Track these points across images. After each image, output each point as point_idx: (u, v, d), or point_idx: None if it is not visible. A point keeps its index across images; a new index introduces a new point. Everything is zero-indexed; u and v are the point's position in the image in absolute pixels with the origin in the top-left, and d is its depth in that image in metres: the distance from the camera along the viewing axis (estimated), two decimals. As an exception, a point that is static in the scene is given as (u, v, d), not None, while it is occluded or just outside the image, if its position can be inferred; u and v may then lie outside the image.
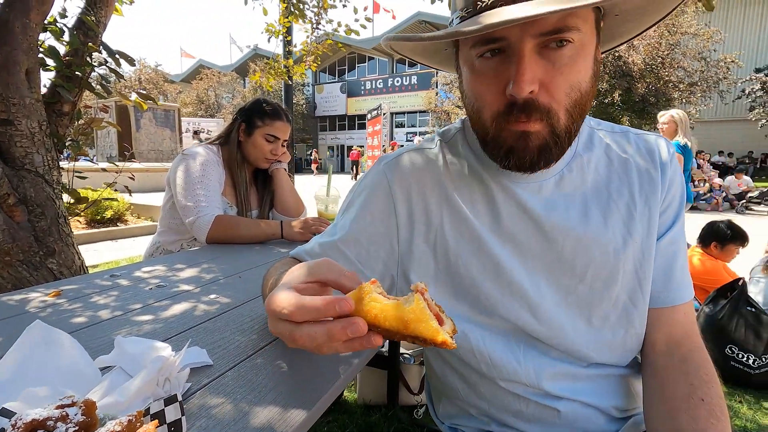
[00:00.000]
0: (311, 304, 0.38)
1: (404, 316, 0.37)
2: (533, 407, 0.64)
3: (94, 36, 1.72)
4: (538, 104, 0.51)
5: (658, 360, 0.62)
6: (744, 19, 19.31)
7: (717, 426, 0.53)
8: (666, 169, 0.63)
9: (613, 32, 0.60)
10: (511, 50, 0.50)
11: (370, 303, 0.38)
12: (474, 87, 0.55)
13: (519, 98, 0.50)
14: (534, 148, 0.53)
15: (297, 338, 0.39)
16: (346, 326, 0.36)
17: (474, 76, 0.55)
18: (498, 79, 0.52)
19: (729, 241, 2.64)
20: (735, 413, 1.89)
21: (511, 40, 0.49)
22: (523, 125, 0.52)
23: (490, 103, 0.53)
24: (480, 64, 0.53)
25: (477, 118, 0.56)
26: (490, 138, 0.56)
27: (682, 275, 0.64)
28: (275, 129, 1.57)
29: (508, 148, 0.54)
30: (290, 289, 0.41)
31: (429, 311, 0.37)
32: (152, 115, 13.52)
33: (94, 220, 5.57)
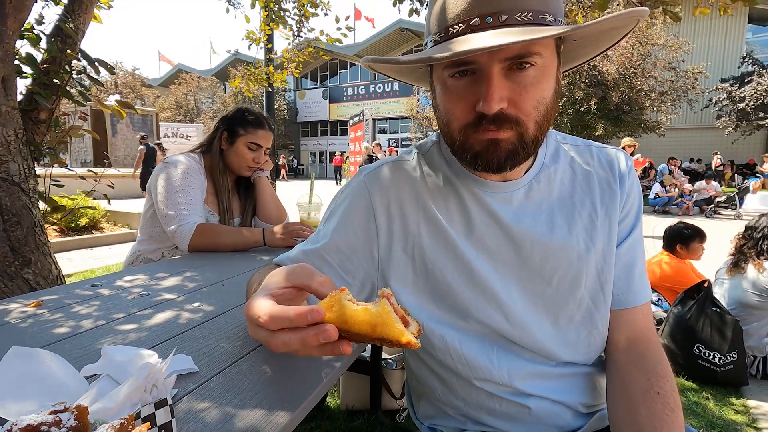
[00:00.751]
0: (284, 315, 0.41)
1: (371, 320, 0.40)
2: (506, 405, 0.68)
3: (73, 43, 1.70)
4: (507, 116, 0.55)
5: (620, 358, 0.67)
6: (710, 32, 20.20)
7: (671, 416, 0.58)
8: (624, 180, 0.69)
9: (573, 54, 0.65)
10: (481, 72, 0.55)
11: (340, 310, 0.41)
12: (445, 102, 0.60)
13: (489, 114, 0.54)
14: (502, 154, 0.57)
15: (272, 344, 0.42)
16: (318, 333, 0.39)
17: (446, 92, 0.59)
18: (468, 97, 0.56)
19: (691, 239, 2.78)
20: (702, 409, 1.98)
21: (480, 63, 0.54)
22: (492, 134, 0.56)
23: (459, 117, 0.58)
24: (452, 82, 0.58)
25: (446, 129, 0.61)
26: (457, 146, 0.60)
27: (640, 278, 0.69)
28: (258, 137, 1.59)
29: (475, 153, 0.59)
30: (267, 296, 0.45)
31: (394, 315, 0.40)
32: (129, 120, 13.25)
33: (67, 228, 5.41)
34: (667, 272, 2.83)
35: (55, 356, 0.57)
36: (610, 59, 11.77)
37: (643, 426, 0.58)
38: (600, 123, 12.23)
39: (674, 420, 0.58)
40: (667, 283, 2.82)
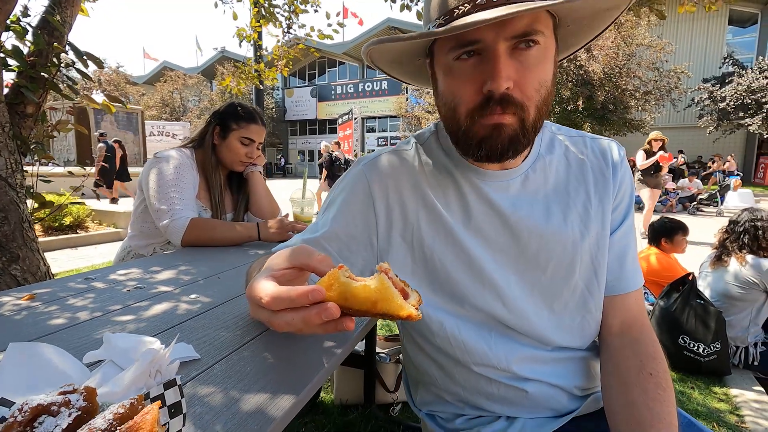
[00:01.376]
0: (286, 295, 0.41)
1: (371, 297, 0.40)
2: (504, 389, 0.69)
3: (60, 36, 1.67)
4: (513, 99, 0.56)
5: (614, 342, 0.69)
6: (692, 33, 20.62)
7: (663, 395, 0.60)
8: (617, 170, 0.71)
9: (565, 43, 0.67)
10: (487, 51, 0.55)
11: (340, 288, 0.41)
12: (451, 86, 0.59)
13: (497, 94, 0.55)
14: (505, 139, 0.58)
15: (275, 324, 0.43)
16: (320, 312, 0.40)
17: (451, 77, 0.59)
18: (474, 78, 0.57)
19: (675, 232, 2.85)
20: (687, 398, 2.04)
21: (487, 41, 0.54)
22: (497, 118, 0.57)
23: (467, 100, 0.58)
24: (457, 66, 0.58)
25: (451, 115, 0.61)
26: (462, 132, 0.60)
27: (632, 265, 0.71)
28: (250, 132, 1.58)
29: (480, 139, 0.59)
30: (268, 277, 0.45)
31: (393, 289, 0.41)
32: (114, 118, 13.02)
33: (51, 227, 5.30)
34: (654, 266, 2.90)
35: (54, 348, 0.57)
36: (596, 59, 11.95)
37: (637, 405, 0.60)
38: (587, 122, 12.42)
39: (666, 398, 0.60)
40: (653, 277, 2.88)
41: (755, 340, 2.29)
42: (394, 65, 0.70)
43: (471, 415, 0.74)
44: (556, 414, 0.70)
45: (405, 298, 0.43)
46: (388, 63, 0.69)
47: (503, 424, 0.70)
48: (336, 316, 0.40)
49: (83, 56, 1.63)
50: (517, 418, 0.70)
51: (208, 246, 1.42)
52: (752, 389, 2.15)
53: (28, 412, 0.36)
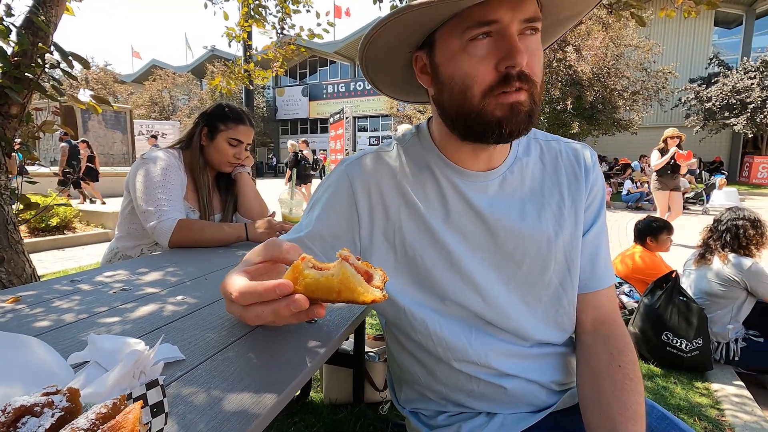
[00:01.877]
0: (254, 290, 0.43)
1: (334, 287, 0.42)
2: (483, 386, 0.71)
3: (45, 36, 1.66)
4: (527, 75, 0.58)
5: (587, 338, 0.72)
6: (679, 34, 20.91)
7: (630, 385, 0.63)
8: (589, 173, 0.74)
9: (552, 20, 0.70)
10: (503, 31, 0.57)
11: (304, 280, 0.43)
12: (464, 68, 0.59)
13: (517, 69, 0.57)
14: (523, 116, 0.60)
15: (247, 318, 0.45)
16: (288, 304, 0.42)
17: (466, 57, 0.59)
18: (491, 57, 0.58)
19: (660, 232, 2.91)
20: (670, 393, 2.08)
21: (504, 21, 0.56)
22: (514, 96, 0.58)
23: (482, 80, 0.59)
24: (472, 46, 0.58)
25: (462, 98, 0.61)
26: (476, 114, 0.60)
27: (604, 264, 0.74)
28: (238, 133, 1.58)
29: (499, 119, 0.59)
30: (240, 272, 0.47)
31: (356, 277, 0.42)
32: (102, 118, 12.86)
33: (37, 228, 5.24)
34: (639, 264, 2.95)
35: (42, 343, 0.57)
36: (585, 59, 12.07)
37: (606, 395, 0.63)
38: (576, 121, 12.54)
39: (634, 388, 0.63)
40: (639, 275, 2.93)
41: (736, 336, 2.34)
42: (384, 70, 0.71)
43: (452, 412, 0.76)
44: (535, 409, 0.73)
45: (369, 280, 0.44)
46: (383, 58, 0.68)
47: (483, 420, 0.72)
48: (304, 307, 0.42)
49: (68, 56, 1.62)
50: (496, 413, 0.73)
51: (195, 247, 1.43)
52: (732, 384, 2.20)
53: (11, 413, 0.37)
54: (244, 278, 0.45)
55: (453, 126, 0.65)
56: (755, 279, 2.23)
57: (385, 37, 0.62)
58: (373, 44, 0.63)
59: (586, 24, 11.92)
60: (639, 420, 0.61)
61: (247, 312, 0.44)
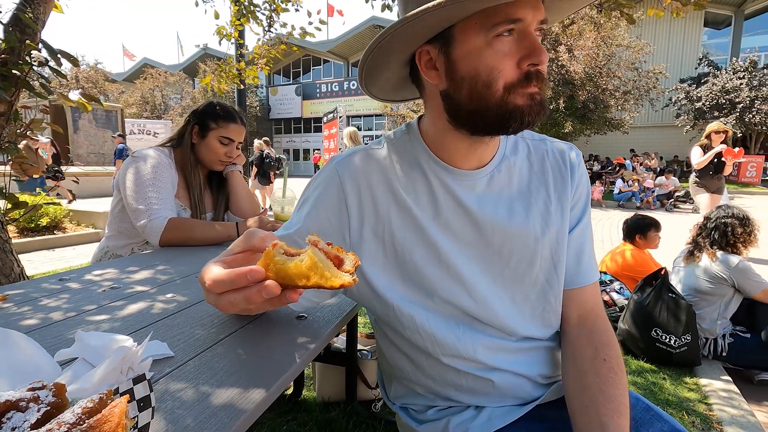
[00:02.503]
0: (227, 277, 0.44)
1: (303, 273, 0.42)
2: (471, 380, 0.72)
3: (32, 33, 1.65)
4: (543, 74, 0.61)
5: (572, 332, 0.73)
6: (669, 34, 21.13)
7: (614, 378, 0.65)
8: (575, 172, 0.75)
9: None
10: (525, 30, 0.59)
11: (274, 267, 0.43)
12: (490, 62, 0.60)
13: (536, 68, 0.60)
14: (540, 109, 0.62)
15: (221, 306, 0.45)
16: (260, 290, 0.42)
17: (490, 52, 0.60)
18: (514, 54, 0.60)
19: (648, 229, 2.95)
20: (659, 389, 2.11)
21: (527, 21, 0.59)
22: (533, 87, 0.61)
23: (507, 74, 0.60)
24: (497, 42, 0.60)
25: (485, 91, 0.62)
26: (497, 106, 0.62)
27: (589, 260, 0.76)
28: (229, 131, 1.58)
29: (521, 109, 0.61)
30: (217, 262, 0.47)
31: (325, 262, 0.42)
32: (92, 116, 12.73)
33: (26, 228, 5.17)
34: (629, 262, 2.98)
35: (28, 338, 0.57)
36: (577, 59, 12.16)
37: (591, 388, 0.65)
38: (568, 120, 12.63)
39: (618, 381, 0.65)
40: (628, 272, 2.97)
41: (724, 332, 2.38)
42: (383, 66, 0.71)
43: (441, 406, 0.77)
44: (521, 402, 0.74)
45: (340, 264, 0.44)
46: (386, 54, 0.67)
47: (472, 413, 0.73)
48: (276, 293, 0.42)
49: (57, 54, 1.60)
50: (484, 407, 0.73)
51: (186, 246, 1.42)
52: (720, 379, 2.23)
53: (-4, 407, 0.37)
54: (219, 267, 0.46)
55: (465, 120, 0.65)
56: (742, 276, 2.27)
57: (402, 32, 0.62)
58: (384, 43, 0.63)
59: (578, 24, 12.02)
60: (624, 412, 0.63)
61: (221, 300, 0.44)
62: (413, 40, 0.65)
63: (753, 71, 16.56)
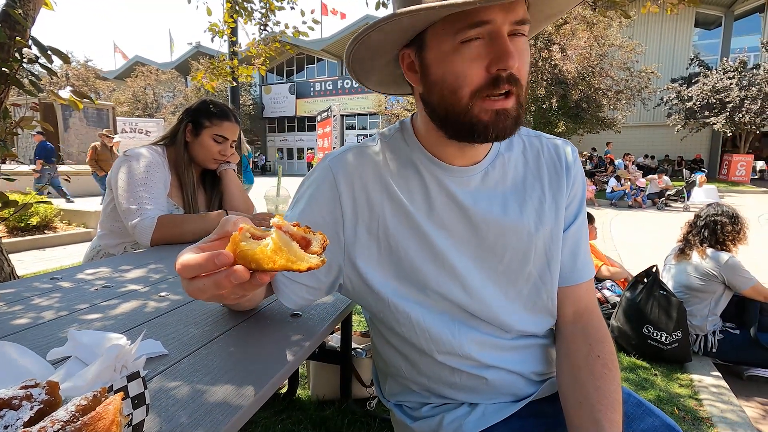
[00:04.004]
0: (194, 262, 0.43)
1: (269, 257, 0.41)
2: (466, 378, 0.73)
3: (22, 30, 1.63)
4: (516, 77, 0.59)
5: (567, 329, 0.74)
6: (661, 35, 21.31)
7: (608, 375, 0.65)
8: (570, 169, 0.75)
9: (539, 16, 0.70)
10: (495, 33, 0.57)
11: (240, 251, 0.42)
12: (455, 68, 0.60)
13: (508, 72, 0.57)
14: (510, 122, 0.61)
15: (190, 292, 0.44)
16: (228, 275, 0.42)
17: (456, 58, 0.59)
18: (482, 58, 0.58)
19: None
20: (651, 385, 2.13)
21: (497, 23, 0.57)
22: (501, 103, 0.59)
23: (472, 81, 0.59)
24: (464, 47, 0.58)
25: (451, 99, 0.61)
26: (463, 114, 0.61)
27: (584, 258, 0.76)
28: (223, 129, 1.57)
29: (485, 123, 0.60)
30: (192, 249, 0.46)
31: (290, 245, 0.42)
32: (83, 115, 12.58)
33: (17, 228, 5.11)
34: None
35: (15, 345, 0.57)
36: (570, 59, 12.23)
37: (585, 384, 0.65)
38: (561, 119, 12.70)
39: (611, 377, 0.65)
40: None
41: (714, 329, 2.41)
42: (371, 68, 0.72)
43: (436, 403, 0.77)
44: (515, 398, 0.74)
45: (307, 245, 0.44)
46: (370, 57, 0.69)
47: (466, 410, 0.74)
48: (245, 277, 0.42)
49: (47, 51, 1.58)
50: (478, 404, 0.74)
51: (180, 243, 1.41)
52: (711, 375, 2.26)
53: (-12, 405, 0.37)
54: (191, 253, 0.45)
55: (441, 124, 0.65)
56: (731, 272, 2.30)
57: (374, 37, 0.62)
58: (362, 44, 0.63)
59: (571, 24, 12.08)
60: (617, 408, 0.63)
61: (190, 286, 0.44)
62: (391, 43, 0.65)
63: (743, 71, 16.74)
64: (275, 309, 0.82)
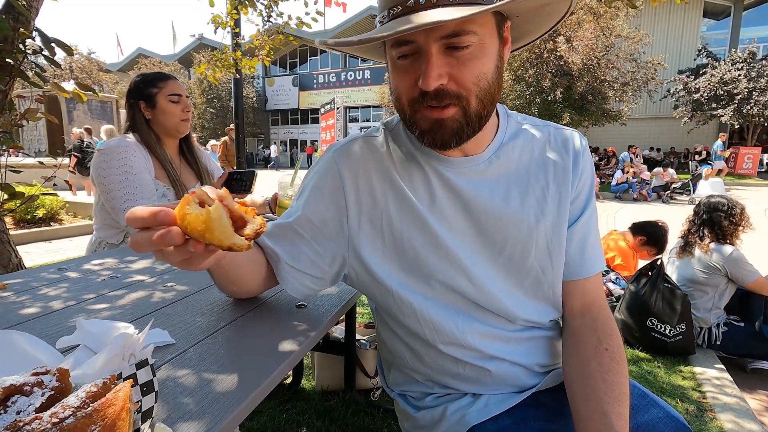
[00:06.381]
0: (139, 214, 0.42)
1: (199, 226, 0.40)
2: (469, 369, 0.73)
3: (26, 21, 1.62)
4: (447, 91, 0.60)
5: (575, 322, 0.73)
6: (668, 25, 21.01)
7: (616, 368, 0.65)
8: (578, 160, 0.73)
9: (521, 30, 0.70)
10: (420, 51, 0.59)
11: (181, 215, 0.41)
12: (394, 79, 0.64)
13: (428, 91, 0.59)
14: (447, 132, 0.62)
15: (131, 243, 0.43)
16: (163, 234, 0.41)
17: (394, 70, 0.64)
18: (411, 75, 0.61)
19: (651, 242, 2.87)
20: (654, 377, 2.14)
21: (419, 42, 0.58)
22: (437, 113, 0.61)
23: (405, 93, 0.63)
24: (399, 63, 0.62)
25: (398, 104, 0.66)
26: (408, 119, 0.65)
27: (593, 251, 0.74)
28: (173, 88, 1.54)
29: (422, 130, 0.64)
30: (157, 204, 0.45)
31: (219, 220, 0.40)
32: (87, 107, 12.60)
33: (23, 220, 5.15)
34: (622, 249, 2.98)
35: (25, 334, 0.57)
36: (575, 50, 12.10)
37: (593, 377, 0.65)
38: (566, 111, 12.59)
39: (620, 370, 0.65)
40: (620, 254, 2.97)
41: (718, 321, 2.41)
42: (361, 51, 0.72)
43: (439, 394, 0.78)
44: (518, 389, 0.74)
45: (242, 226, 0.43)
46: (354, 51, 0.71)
47: (469, 400, 0.74)
48: (176, 241, 0.41)
49: (51, 42, 1.58)
50: (481, 394, 0.74)
51: None
52: (714, 367, 2.26)
53: (0, 392, 0.37)
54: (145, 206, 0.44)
55: None
56: (735, 265, 2.29)
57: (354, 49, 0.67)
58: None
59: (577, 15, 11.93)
60: (624, 401, 0.63)
61: (134, 237, 0.43)
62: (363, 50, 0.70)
63: (752, 62, 16.49)
64: (281, 300, 0.83)
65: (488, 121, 0.66)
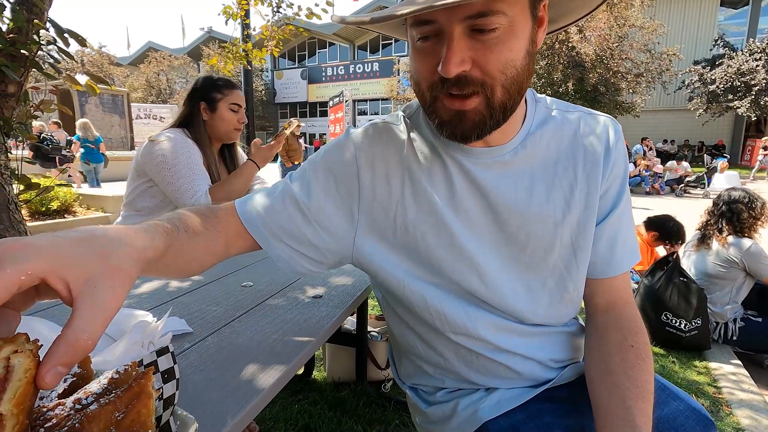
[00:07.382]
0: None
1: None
2: (482, 360, 0.71)
3: (40, 12, 1.63)
4: (470, 78, 0.54)
5: (599, 319, 0.71)
6: (684, 15, 20.52)
7: (642, 365, 0.63)
8: (611, 151, 0.68)
9: (562, 10, 0.65)
10: (442, 33, 0.54)
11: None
12: (415, 62, 0.59)
13: (448, 77, 0.54)
14: (469, 125, 0.58)
15: None
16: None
17: (414, 53, 0.59)
18: (432, 59, 0.56)
19: (665, 236, 2.82)
20: (668, 372, 2.11)
21: (440, 22, 0.53)
22: (459, 103, 0.56)
23: (426, 78, 0.58)
24: (419, 45, 0.57)
25: (417, 89, 0.61)
26: (427, 106, 0.61)
27: (623, 249, 0.70)
28: (236, 97, 1.61)
29: (441, 121, 0.59)
30: None
31: None
32: (99, 101, 12.71)
33: (38, 212, 5.23)
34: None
35: (44, 321, 0.58)
36: (588, 40, 11.88)
37: (617, 373, 0.62)
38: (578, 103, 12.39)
39: (645, 367, 0.63)
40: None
41: (735, 316, 2.36)
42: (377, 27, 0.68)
43: (451, 388, 0.76)
44: (532, 384, 0.72)
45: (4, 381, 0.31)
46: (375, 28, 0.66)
47: (481, 395, 0.72)
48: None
49: (64, 33, 1.58)
50: (495, 389, 0.72)
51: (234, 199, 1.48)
52: (730, 363, 2.23)
53: (23, 377, 0.37)
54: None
55: None
56: (754, 259, 2.24)
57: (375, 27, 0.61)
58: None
59: (590, 4, 11.69)
60: (648, 398, 0.61)
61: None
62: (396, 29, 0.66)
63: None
64: (296, 290, 0.82)
65: (514, 111, 0.61)
